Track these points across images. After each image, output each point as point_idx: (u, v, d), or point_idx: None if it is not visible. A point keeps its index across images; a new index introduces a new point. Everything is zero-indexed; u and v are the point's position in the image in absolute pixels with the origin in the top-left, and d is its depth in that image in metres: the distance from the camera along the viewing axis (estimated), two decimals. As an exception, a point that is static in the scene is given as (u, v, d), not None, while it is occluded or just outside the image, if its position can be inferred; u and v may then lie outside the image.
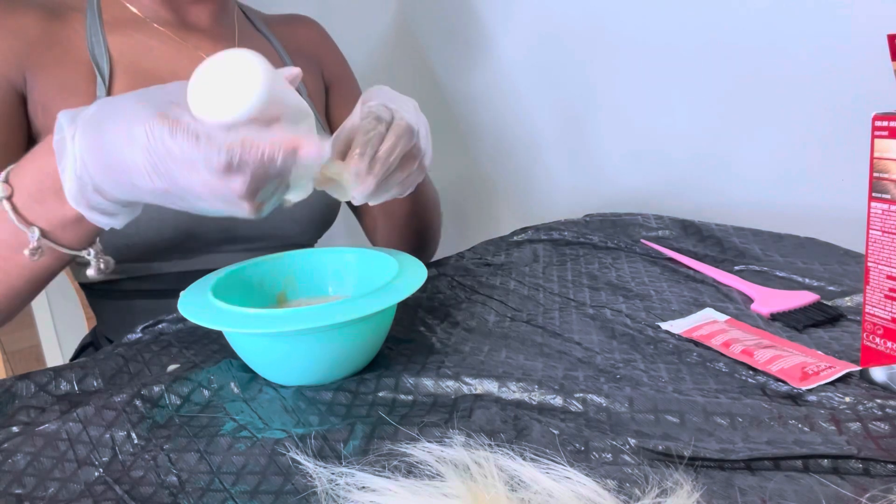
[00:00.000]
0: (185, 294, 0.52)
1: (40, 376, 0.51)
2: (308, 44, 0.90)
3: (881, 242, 0.44)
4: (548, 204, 1.24)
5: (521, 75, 1.18)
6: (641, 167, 1.07)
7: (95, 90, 0.70)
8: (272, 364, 0.50)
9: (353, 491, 0.37)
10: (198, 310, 0.49)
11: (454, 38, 1.28)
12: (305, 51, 0.89)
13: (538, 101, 1.18)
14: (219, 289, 0.53)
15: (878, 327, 0.45)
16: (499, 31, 1.19)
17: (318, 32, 0.94)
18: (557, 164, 1.20)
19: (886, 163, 0.43)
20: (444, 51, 1.31)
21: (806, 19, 0.84)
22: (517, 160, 1.26)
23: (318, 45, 0.92)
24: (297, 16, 0.95)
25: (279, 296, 0.59)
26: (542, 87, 1.17)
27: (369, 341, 0.51)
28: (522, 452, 0.39)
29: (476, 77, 1.26)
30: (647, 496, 0.35)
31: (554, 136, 1.18)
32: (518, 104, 1.22)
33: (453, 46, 1.28)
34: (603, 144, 1.11)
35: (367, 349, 0.51)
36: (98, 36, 0.72)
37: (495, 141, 1.29)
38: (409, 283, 0.51)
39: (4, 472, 0.42)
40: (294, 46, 0.88)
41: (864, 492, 0.35)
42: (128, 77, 0.72)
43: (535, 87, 1.18)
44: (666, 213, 0.86)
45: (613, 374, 0.49)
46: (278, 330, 0.46)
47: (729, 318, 0.57)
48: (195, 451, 0.42)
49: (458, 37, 1.27)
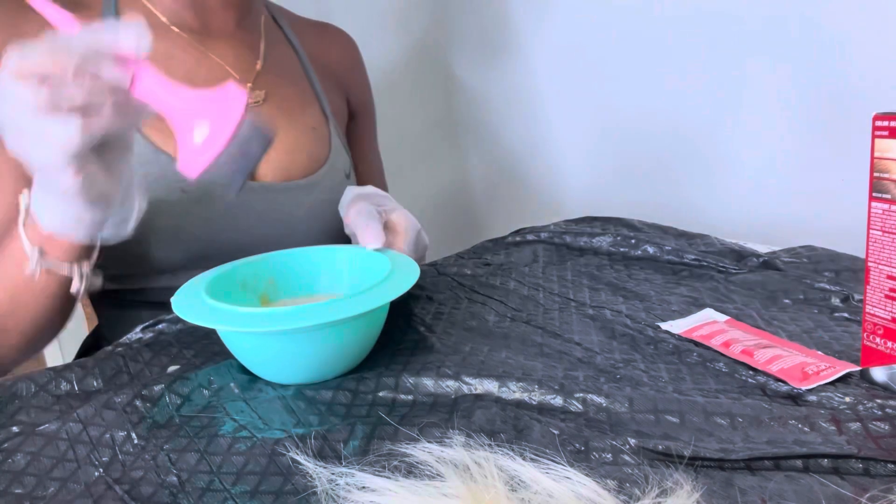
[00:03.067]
0: (179, 293, 0.52)
1: (40, 376, 0.51)
2: (339, 66, 0.87)
3: (881, 242, 0.44)
4: (548, 205, 1.24)
5: (543, 79, 1.18)
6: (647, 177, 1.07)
7: None
8: (265, 363, 0.50)
9: (353, 491, 0.37)
10: (192, 309, 0.49)
11: (477, 38, 1.28)
12: (334, 71, 0.86)
13: (551, 103, 1.18)
14: (212, 288, 0.53)
15: (879, 327, 0.45)
16: (525, 36, 1.19)
17: (352, 56, 0.90)
18: (563, 168, 1.20)
19: (886, 163, 0.43)
20: (463, 49, 1.31)
21: (806, 19, 0.84)
22: (519, 161, 1.26)
23: (350, 71, 0.89)
24: (333, 28, 0.91)
25: (262, 297, 0.59)
26: (561, 91, 1.17)
27: (362, 339, 0.51)
28: (522, 452, 0.39)
29: (493, 77, 1.26)
30: (647, 496, 0.35)
31: (567, 140, 1.18)
32: (528, 105, 1.22)
33: (475, 46, 1.28)
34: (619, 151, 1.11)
35: (360, 347, 0.52)
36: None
37: (496, 142, 1.29)
38: (401, 283, 0.51)
39: (4, 472, 0.42)
40: (323, 62, 0.85)
41: (865, 492, 0.35)
42: None
43: (554, 89, 1.18)
44: (667, 222, 0.85)
45: (613, 374, 0.49)
46: (266, 329, 0.46)
47: (729, 319, 0.57)
48: (195, 451, 0.42)
49: (483, 38, 1.26)
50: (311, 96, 0.81)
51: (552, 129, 1.18)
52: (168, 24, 0.72)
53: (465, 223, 1.42)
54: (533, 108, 1.20)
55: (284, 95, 0.77)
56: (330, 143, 0.79)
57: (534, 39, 1.15)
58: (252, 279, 0.58)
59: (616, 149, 1.10)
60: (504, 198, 1.32)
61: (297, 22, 0.87)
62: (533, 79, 1.18)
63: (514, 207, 1.31)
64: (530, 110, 1.20)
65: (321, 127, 0.79)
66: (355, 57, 0.91)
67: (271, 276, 0.60)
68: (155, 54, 0.71)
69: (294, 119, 0.76)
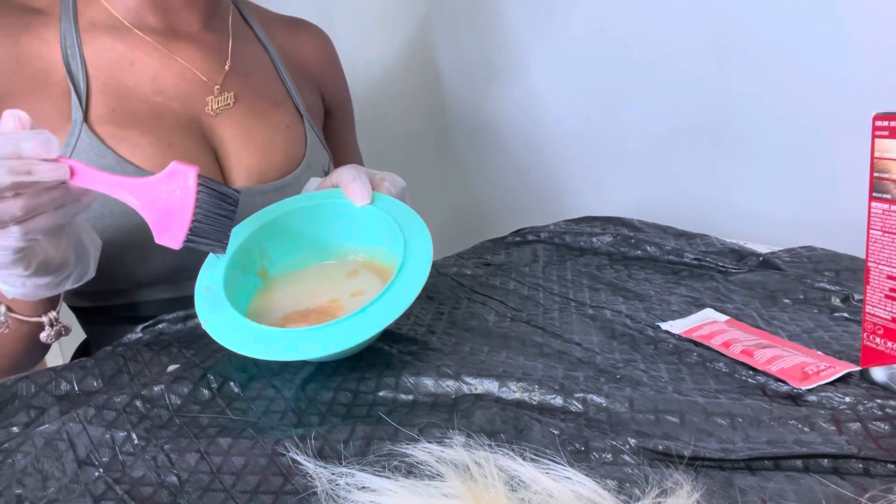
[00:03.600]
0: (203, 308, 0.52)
1: (40, 376, 0.51)
2: (313, 64, 0.85)
3: (881, 242, 0.44)
4: (548, 205, 1.24)
5: (542, 79, 1.18)
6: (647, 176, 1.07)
7: (70, 111, 0.64)
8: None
9: (353, 491, 0.37)
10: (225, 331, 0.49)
11: (476, 39, 1.28)
12: (308, 68, 0.84)
13: (551, 103, 1.18)
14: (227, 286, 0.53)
15: (879, 327, 0.45)
16: (523, 36, 1.19)
17: (326, 53, 0.88)
18: (563, 168, 1.20)
19: (886, 163, 0.43)
20: (462, 50, 1.31)
21: (806, 19, 0.84)
22: (518, 161, 1.26)
23: (324, 68, 0.87)
24: (305, 24, 0.88)
25: (260, 272, 0.59)
26: (560, 90, 1.17)
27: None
28: (522, 452, 0.39)
29: (491, 77, 1.26)
30: (647, 496, 0.35)
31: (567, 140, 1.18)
32: (527, 105, 1.22)
33: (473, 47, 1.28)
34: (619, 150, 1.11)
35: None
36: (75, 48, 0.65)
37: (496, 142, 1.29)
38: (419, 271, 0.51)
39: (4, 472, 0.42)
40: (295, 61, 0.83)
41: (865, 492, 0.35)
42: (106, 96, 0.65)
43: (553, 89, 1.18)
44: (667, 222, 0.85)
45: (613, 374, 0.49)
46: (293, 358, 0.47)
47: (729, 319, 0.57)
48: (195, 451, 0.42)
49: (482, 38, 1.26)
50: (283, 95, 0.78)
51: (552, 129, 1.18)
52: (130, 27, 0.69)
53: (465, 223, 1.41)
54: (532, 108, 1.20)
55: (255, 95, 0.75)
56: (306, 141, 0.77)
57: (532, 39, 1.15)
58: (246, 258, 0.57)
59: (616, 148, 1.10)
60: (504, 198, 1.32)
61: (268, 18, 0.84)
62: (531, 78, 1.18)
63: (514, 207, 1.31)
64: (529, 110, 1.20)
65: (295, 125, 0.77)
66: (329, 53, 0.89)
67: (263, 247, 0.58)
68: (115, 57, 0.68)
69: (267, 119, 0.74)
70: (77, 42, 0.66)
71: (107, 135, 0.64)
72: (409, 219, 0.56)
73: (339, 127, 0.90)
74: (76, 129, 0.63)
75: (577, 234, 0.81)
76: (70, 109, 0.64)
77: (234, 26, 0.78)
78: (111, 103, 0.66)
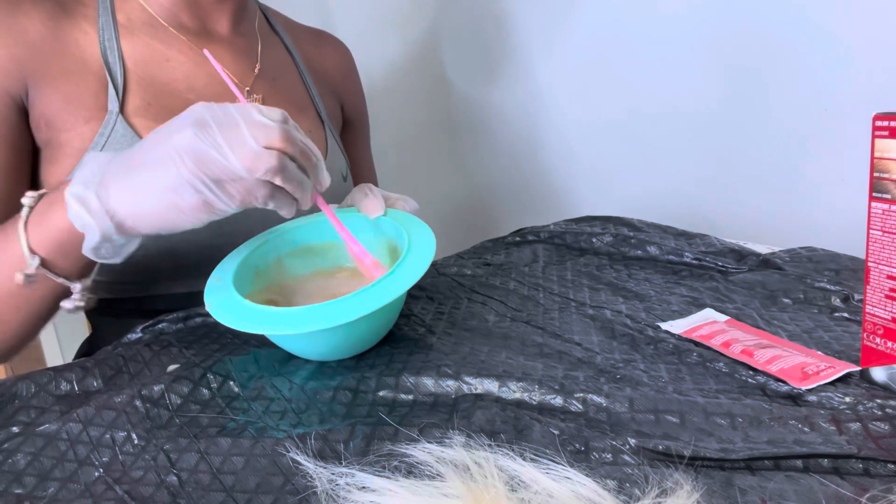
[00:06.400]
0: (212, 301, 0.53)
1: (40, 376, 0.51)
2: (335, 73, 0.88)
3: (881, 242, 0.44)
4: (548, 205, 1.24)
5: (542, 78, 1.18)
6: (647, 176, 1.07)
7: (106, 101, 0.66)
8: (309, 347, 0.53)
9: (353, 491, 0.37)
10: (231, 313, 0.50)
11: (476, 40, 1.28)
12: (330, 78, 0.87)
13: (551, 103, 1.18)
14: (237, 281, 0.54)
15: (879, 327, 0.45)
16: (524, 36, 1.19)
17: (347, 64, 0.91)
18: (563, 168, 1.20)
19: (886, 163, 0.43)
20: (463, 51, 1.31)
21: (806, 19, 0.84)
22: (519, 161, 1.26)
23: (345, 78, 0.90)
24: (328, 36, 0.91)
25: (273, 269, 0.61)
26: (561, 90, 1.17)
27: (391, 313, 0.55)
28: (522, 452, 0.39)
29: (492, 78, 1.26)
30: (647, 496, 0.35)
31: (567, 140, 1.18)
32: (527, 105, 1.22)
33: (474, 48, 1.28)
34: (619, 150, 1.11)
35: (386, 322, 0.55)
36: (112, 41, 0.67)
37: (496, 142, 1.29)
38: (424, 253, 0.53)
39: (4, 472, 0.42)
40: (318, 69, 0.85)
41: (865, 492, 0.35)
42: (142, 89, 0.67)
43: (553, 89, 1.18)
44: (667, 221, 0.85)
45: (613, 374, 0.49)
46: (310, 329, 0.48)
47: (729, 319, 0.57)
48: (195, 451, 0.42)
49: (482, 39, 1.26)
50: (306, 100, 0.81)
51: (552, 129, 1.18)
52: (165, 25, 0.71)
53: (465, 223, 1.42)
54: (532, 109, 1.20)
55: (281, 99, 0.77)
56: (326, 146, 0.79)
57: (533, 40, 1.15)
58: (261, 261, 0.60)
59: (616, 148, 1.10)
60: (504, 198, 1.32)
61: (293, 27, 0.87)
62: (532, 79, 1.18)
63: (514, 207, 1.31)
64: (530, 110, 1.20)
65: (317, 130, 0.79)
66: (350, 65, 0.92)
67: (277, 256, 0.61)
68: (152, 53, 0.70)
69: None
70: (115, 35, 0.68)
71: (141, 127, 0.66)
72: (414, 222, 0.58)
73: (355, 139, 0.92)
74: (111, 119, 0.65)
75: (577, 234, 0.81)
76: (106, 99, 0.66)
77: (262, 32, 0.80)
78: (147, 97, 0.67)
